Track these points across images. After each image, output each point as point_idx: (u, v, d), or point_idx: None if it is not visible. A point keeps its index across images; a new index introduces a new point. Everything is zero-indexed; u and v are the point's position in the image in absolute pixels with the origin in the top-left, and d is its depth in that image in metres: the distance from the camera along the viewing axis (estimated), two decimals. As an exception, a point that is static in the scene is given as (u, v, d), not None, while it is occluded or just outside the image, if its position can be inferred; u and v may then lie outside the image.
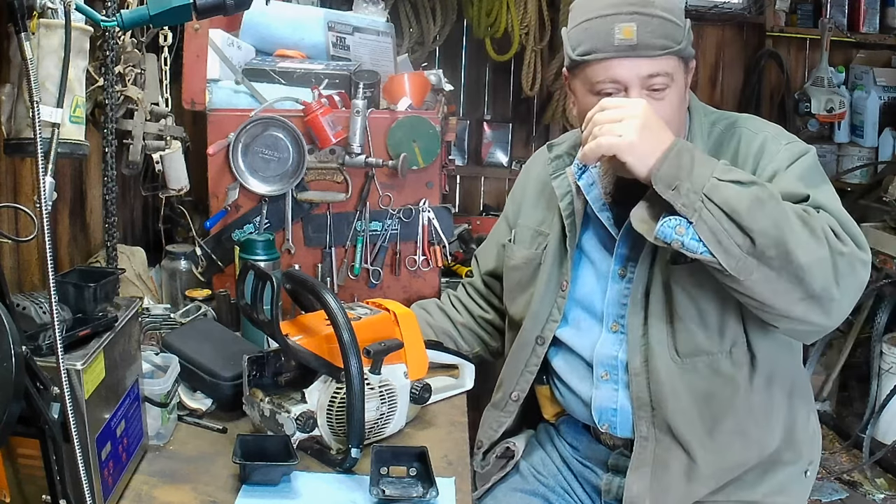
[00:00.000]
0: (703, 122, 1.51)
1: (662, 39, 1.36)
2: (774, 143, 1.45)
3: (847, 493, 3.01)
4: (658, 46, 1.36)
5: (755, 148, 1.45)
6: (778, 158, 1.42)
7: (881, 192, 3.40)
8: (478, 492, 1.65)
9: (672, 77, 1.39)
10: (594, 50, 1.38)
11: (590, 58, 1.39)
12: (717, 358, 1.46)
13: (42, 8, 1.16)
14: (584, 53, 1.40)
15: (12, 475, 1.09)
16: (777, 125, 1.53)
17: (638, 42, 1.35)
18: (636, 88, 1.38)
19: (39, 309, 1.08)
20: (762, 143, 1.45)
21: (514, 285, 1.70)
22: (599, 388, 1.55)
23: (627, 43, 1.35)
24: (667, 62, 1.38)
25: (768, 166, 1.41)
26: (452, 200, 3.98)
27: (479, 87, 4.04)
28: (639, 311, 1.49)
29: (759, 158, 1.43)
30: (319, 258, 2.01)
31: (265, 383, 1.42)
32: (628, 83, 1.38)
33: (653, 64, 1.37)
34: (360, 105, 1.90)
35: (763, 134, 1.47)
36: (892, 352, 3.09)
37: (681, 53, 1.40)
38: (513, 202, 1.80)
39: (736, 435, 1.48)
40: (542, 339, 1.61)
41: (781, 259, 1.25)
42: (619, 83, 1.39)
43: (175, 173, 1.89)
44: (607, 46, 1.37)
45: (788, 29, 4.01)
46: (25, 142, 1.22)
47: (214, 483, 1.30)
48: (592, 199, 1.54)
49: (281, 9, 2.21)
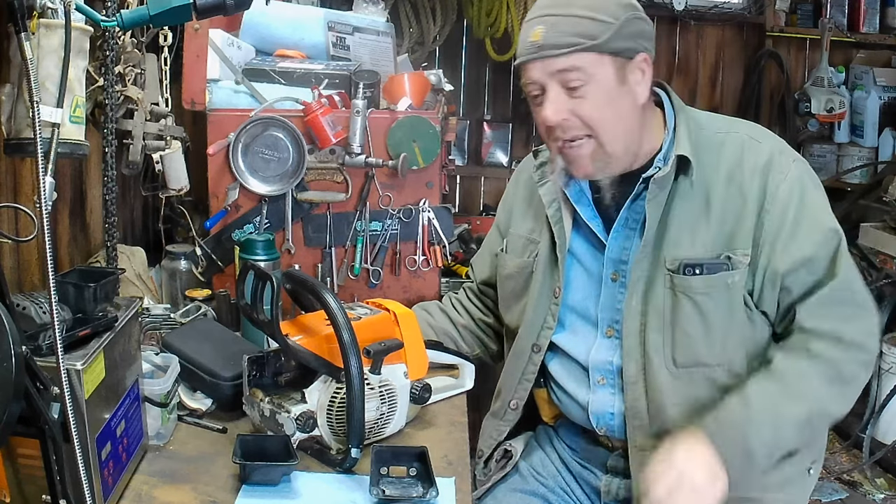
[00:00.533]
0: (691, 125, 1.49)
1: (570, 37, 1.38)
2: (783, 157, 1.46)
3: (847, 493, 3.01)
4: (564, 45, 1.38)
5: (762, 162, 1.45)
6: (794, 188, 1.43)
7: (881, 192, 3.40)
8: (477, 492, 1.65)
9: (587, 72, 1.38)
10: (518, 55, 1.46)
11: (516, 63, 1.47)
12: (715, 370, 1.46)
13: (42, 8, 1.17)
14: (517, 59, 1.47)
15: (12, 475, 1.09)
16: (773, 134, 1.54)
17: (543, 42, 1.39)
18: (553, 87, 1.41)
19: (39, 309, 1.08)
20: (769, 159, 1.45)
21: (508, 294, 1.70)
22: (596, 393, 1.54)
23: (536, 44, 1.40)
24: (577, 58, 1.38)
25: (794, 190, 1.43)
26: (452, 200, 3.97)
27: (479, 87, 4.04)
28: (635, 317, 1.48)
29: (768, 173, 1.44)
30: (319, 258, 2.01)
31: (265, 383, 1.42)
32: (543, 82, 1.42)
33: (562, 61, 1.39)
34: (360, 105, 1.90)
35: (768, 145, 1.47)
36: (892, 352, 3.09)
37: (598, 49, 1.38)
38: (504, 210, 1.79)
39: None
40: (537, 347, 1.60)
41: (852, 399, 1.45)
42: (535, 83, 1.43)
43: (175, 173, 1.89)
44: (524, 50, 1.43)
45: (788, 29, 4.01)
46: (25, 142, 1.23)
47: (214, 483, 1.30)
48: (580, 205, 1.54)
49: (281, 9, 2.21)
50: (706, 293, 1.43)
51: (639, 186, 1.47)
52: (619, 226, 1.51)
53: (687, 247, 1.45)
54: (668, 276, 1.45)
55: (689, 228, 1.45)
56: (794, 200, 1.42)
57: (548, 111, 1.40)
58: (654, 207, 1.45)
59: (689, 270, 1.43)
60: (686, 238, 1.45)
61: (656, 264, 1.46)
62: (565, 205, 1.56)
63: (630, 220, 1.50)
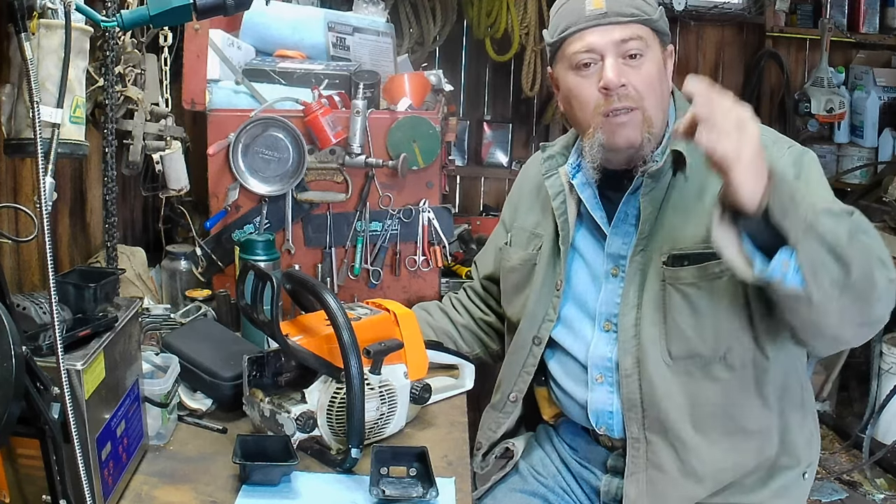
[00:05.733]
0: None
1: (631, 8, 1.43)
2: (777, 146, 1.46)
3: (847, 494, 3.01)
4: (627, 14, 1.43)
5: None
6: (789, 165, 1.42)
7: (881, 192, 3.41)
8: (477, 492, 1.65)
9: (646, 43, 1.44)
10: (569, 26, 1.46)
11: (566, 34, 1.46)
12: (710, 362, 1.45)
13: (42, 8, 1.17)
14: (562, 32, 1.47)
15: (12, 475, 1.09)
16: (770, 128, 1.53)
17: (607, 10, 1.42)
18: (611, 55, 1.42)
19: (40, 309, 1.08)
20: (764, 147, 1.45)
21: (511, 287, 1.71)
22: (595, 392, 1.55)
23: (598, 12, 1.42)
24: (639, 28, 1.43)
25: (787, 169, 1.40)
26: (452, 201, 3.97)
27: (479, 87, 4.04)
28: (630, 311, 1.49)
29: None
30: (319, 258, 2.01)
31: (265, 383, 1.42)
32: (603, 50, 1.43)
33: (624, 29, 1.42)
34: (360, 105, 1.90)
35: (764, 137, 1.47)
36: (891, 352, 3.09)
37: (652, 25, 1.45)
38: (509, 206, 1.81)
39: (730, 436, 1.48)
40: (538, 340, 1.61)
41: (866, 290, 1.24)
42: (594, 51, 1.44)
43: (175, 173, 1.89)
44: (580, 19, 1.44)
45: (788, 29, 4.00)
46: (25, 142, 1.23)
47: (214, 483, 1.30)
48: (586, 197, 1.55)
49: (281, 9, 2.21)
50: (694, 283, 1.43)
51: (636, 180, 1.48)
52: (618, 220, 1.52)
53: (679, 239, 1.46)
54: (662, 268, 1.46)
55: (682, 221, 1.46)
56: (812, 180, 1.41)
57: (610, 73, 1.41)
58: (649, 201, 1.47)
59: (679, 262, 1.44)
60: (678, 231, 1.46)
61: (652, 258, 1.47)
62: (571, 197, 1.57)
63: (629, 216, 1.51)
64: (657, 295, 1.47)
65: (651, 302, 1.47)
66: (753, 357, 1.46)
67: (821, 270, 1.22)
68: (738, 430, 1.47)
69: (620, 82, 1.41)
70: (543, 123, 3.89)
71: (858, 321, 1.30)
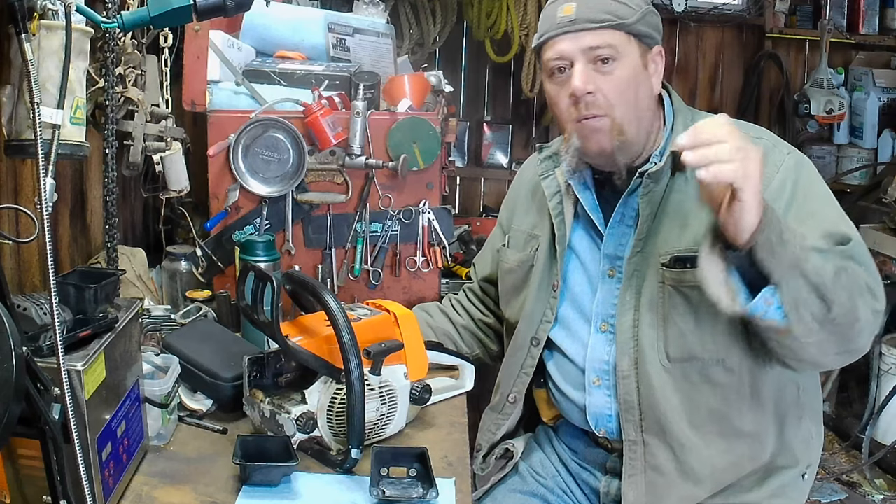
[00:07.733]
0: (687, 123, 1.49)
1: (603, 14, 1.42)
2: (776, 150, 1.46)
3: (846, 494, 3.01)
4: (598, 20, 1.42)
5: None
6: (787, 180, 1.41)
7: (880, 193, 3.40)
8: (477, 492, 1.66)
9: (617, 50, 1.43)
10: (543, 33, 1.48)
11: (541, 40, 1.48)
12: (709, 365, 1.45)
13: (42, 9, 1.17)
14: (538, 38, 1.49)
15: (13, 476, 1.09)
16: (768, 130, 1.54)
17: (576, 17, 1.43)
18: (580, 62, 1.43)
19: (40, 310, 1.08)
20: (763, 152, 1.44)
21: (508, 288, 1.71)
22: (593, 395, 1.55)
23: (567, 19, 1.43)
24: (609, 35, 1.43)
25: (787, 182, 1.41)
26: (452, 202, 3.97)
27: (479, 88, 4.04)
28: (628, 312, 1.49)
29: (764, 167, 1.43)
30: (320, 259, 2.01)
31: (265, 384, 1.43)
32: (572, 56, 1.43)
33: (595, 36, 1.42)
34: (361, 106, 1.90)
35: (762, 140, 1.47)
36: (891, 353, 3.09)
37: (627, 29, 1.43)
38: (507, 208, 1.81)
39: (726, 437, 1.48)
40: (536, 341, 1.61)
41: (848, 324, 1.28)
42: (563, 58, 1.45)
43: (175, 174, 1.89)
44: (552, 27, 1.45)
45: (788, 30, 4.00)
46: (26, 143, 1.23)
47: (215, 484, 1.30)
48: (584, 198, 1.55)
49: (281, 10, 2.21)
50: (696, 286, 1.43)
51: (635, 181, 1.48)
52: (615, 221, 1.52)
53: (679, 241, 1.46)
54: (661, 270, 1.46)
55: (682, 223, 1.46)
56: (787, 192, 1.41)
57: (577, 81, 1.42)
58: (648, 202, 1.47)
59: (680, 264, 1.44)
60: (678, 232, 1.46)
61: (650, 259, 1.47)
62: (567, 197, 1.57)
63: (626, 217, 1.51)
64: (655, 297, 1.47)
65: (649, 304, 1.47)
66: (750, 361, 1.46)
67: (802, 308, 1.25)
68: (733, 431, 1.48)
69: (587, 89, 1.41)
70: (543, 125, 3.90)
71: (836, 350, 1.34)
